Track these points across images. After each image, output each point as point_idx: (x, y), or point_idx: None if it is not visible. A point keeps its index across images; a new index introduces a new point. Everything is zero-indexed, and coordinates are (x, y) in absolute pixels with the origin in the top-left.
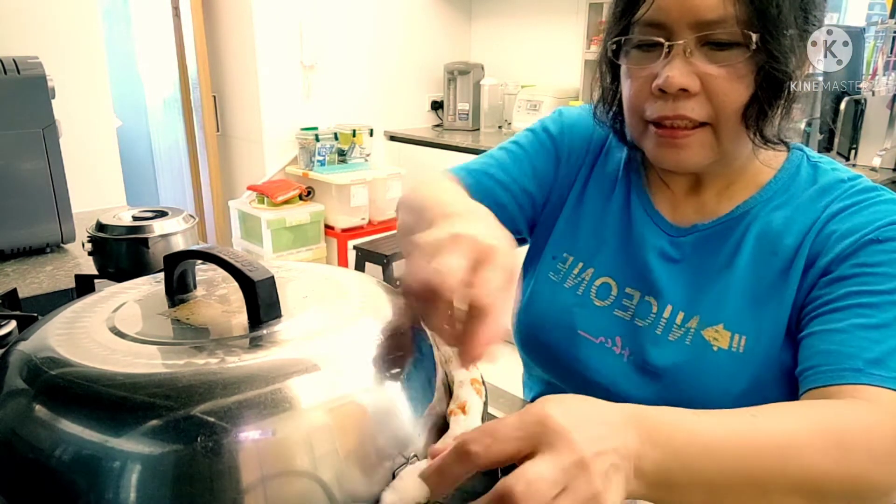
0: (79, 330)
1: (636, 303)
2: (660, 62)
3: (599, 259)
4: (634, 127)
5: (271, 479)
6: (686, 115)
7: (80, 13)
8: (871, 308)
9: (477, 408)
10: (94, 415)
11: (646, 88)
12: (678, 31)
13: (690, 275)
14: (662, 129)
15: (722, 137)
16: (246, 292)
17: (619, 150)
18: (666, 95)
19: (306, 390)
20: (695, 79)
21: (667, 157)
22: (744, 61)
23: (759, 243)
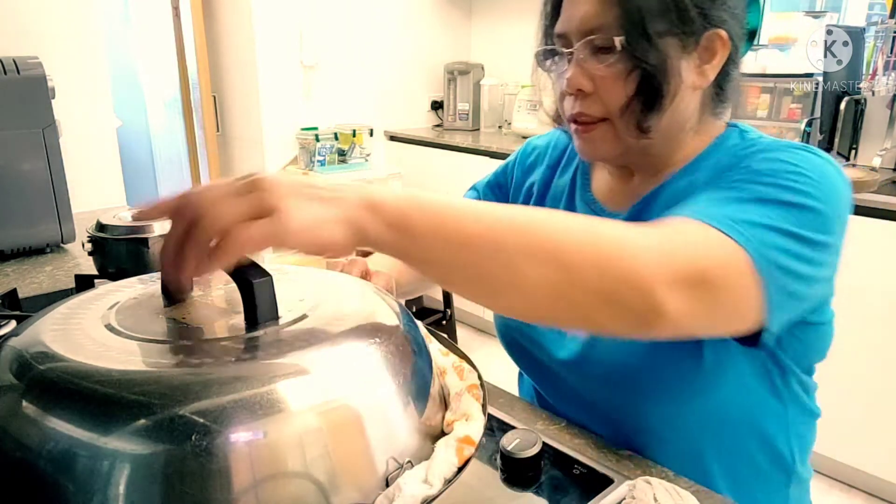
0: (73, 326)
1: None
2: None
3: None
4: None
5: (262, 481)
6: (584, 112)
7: (80, 13)
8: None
9: (479, 416)
10: (84, 411)
11: (560, 91)
12: (573, 39)
13: None
14: (576, 124)
15: (619, 131)
16: (244, 294)
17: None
18: (570, 98)
19: (299, 393)
20: (588, 80)
21: (582, 149)
22: (621, 63)
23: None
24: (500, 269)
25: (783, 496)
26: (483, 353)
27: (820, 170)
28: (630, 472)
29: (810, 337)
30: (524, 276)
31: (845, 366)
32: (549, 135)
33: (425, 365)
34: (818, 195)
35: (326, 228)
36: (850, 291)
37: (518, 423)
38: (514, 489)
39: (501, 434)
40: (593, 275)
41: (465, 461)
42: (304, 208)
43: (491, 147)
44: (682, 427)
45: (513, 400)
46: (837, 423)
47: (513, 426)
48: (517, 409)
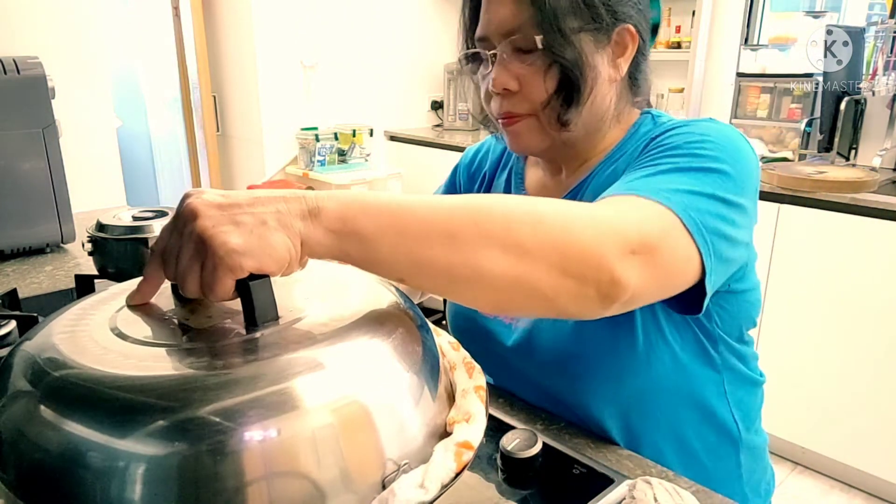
0: (81, 331)
1: None
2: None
3: None
4: (494, 123)
5: (277, 480)
6: (511, 111)
7: (80, 13)
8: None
9: (481, 417)
10: (102, 417)
11: (485, 92)
12: (494, 41)
13: None
14: (503, 121)
15: (544, 125)
16: (242, 294)
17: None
18: (497, 97)
19: (310, 391)
20: (513, 79)
21: (513, 143)
22: (540, 60)
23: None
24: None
25: (734, 463)
26: None
27: (724, 135)
28: (630, 472)
29: (736, 305)
30: (483, 267)
31: (846, 366)
32: (485, 142)
33: (433, 361)
34: (727, 159)
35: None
36: (850, 292)
37: (518, 423)
38: (514, 489)
39: (501, 434)
40: (550, 258)
41: (463, 466)
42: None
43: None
44: (624, 406)
45: (513, 400)
46: (838, 423)
47: (513, 426)
48: (517, 409)
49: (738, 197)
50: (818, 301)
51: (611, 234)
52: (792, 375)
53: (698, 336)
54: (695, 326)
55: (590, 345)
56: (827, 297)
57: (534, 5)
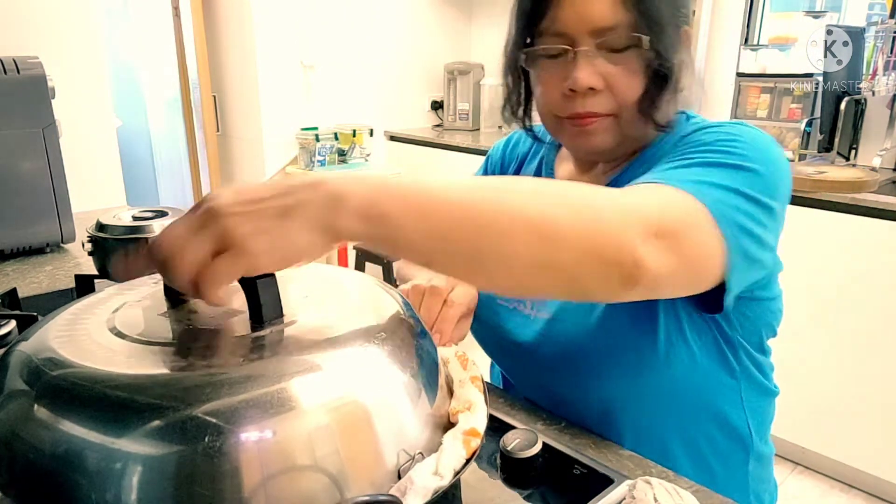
0: (79, 331)
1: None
2: (567, 66)
3: None
4: (549, 124)
5: (276, 478)
6: (594, 110)
7: (80, 13)
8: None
9: (481, 405)
10: (98, 416)
11: (556, 90)
12: (579, 38)
13: None
14: (575, 120)
15: (623, 124)
16: (248, 293)
17: (534, 159)
18: (576, 94)
19: (310, 390)
20: (599, 78)
21: (581, 145)
22: (636, 60)
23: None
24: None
25: (743, 472)
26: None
27: (757, 138)
28: (630, 472)
29: (758, 312)
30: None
31: (846, 366)
32: (513, 135)
33: (431, 356)
34: (759, 159)
35: (293, 240)
36: (850, 292)
37: (518, 423)
38: (514, 489)
39: (501, 434)
40: (576, 239)
41: (472, 453)
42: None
43: (491, 147)
44: (638, 405)
45: (513, 400)
46: (838, 423)
47: (513, 426)
48: (517, 409)
49: (768, 198)
50: (818, 301)
51: (635, 216)
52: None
53: (718, 340)
54: (715, 330)
55: (611, 338)
56: (826, 296)
57: (638, 4)
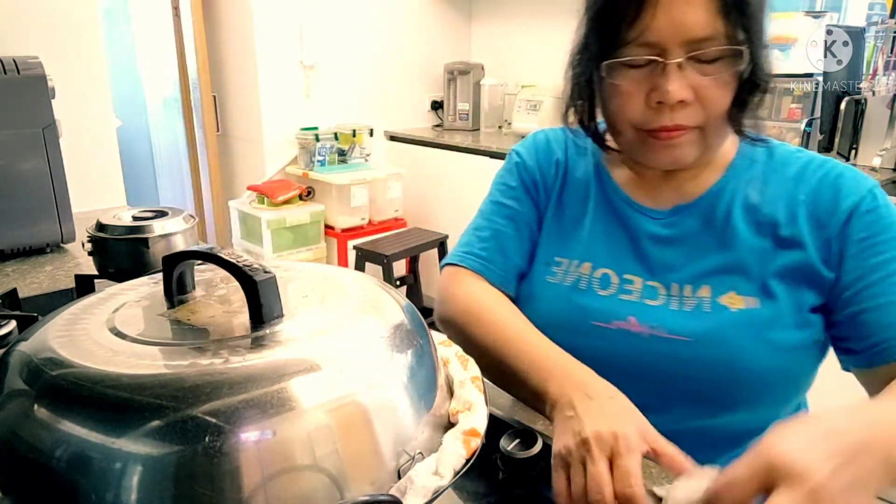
0: (79, 331)
1: (640, 288)
2: (654, 77)
3: (594, 254)
4: (627, 136)
5: (277, 478)
6: (683, 123)
7: (80, 13)
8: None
9: (481, 405)
10: (98, 416)
11: (639, 101)
12: (671, 48)
13: (688, 250)
14: (659, 133)
15: (709, 136)
16: (248, 293)
17: (581, 159)
18: (663, 107)
19: (310, 390)
20: (689, 90)
21: (663, 159)
22: (728, 70)
23: (746, 214)
24: None
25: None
26: None
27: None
28: None
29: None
30: None
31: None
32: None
33: (431, 355)
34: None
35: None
36: None
37: (518, 423)
38: (514, 489)
39: (501, 434)
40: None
41: (472, 453)
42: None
43: (491, 147)
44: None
45: (513, 400)
46: None
47: (513, 426)
48: (517, 409)
49: None
50: None
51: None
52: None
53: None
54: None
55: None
56: None
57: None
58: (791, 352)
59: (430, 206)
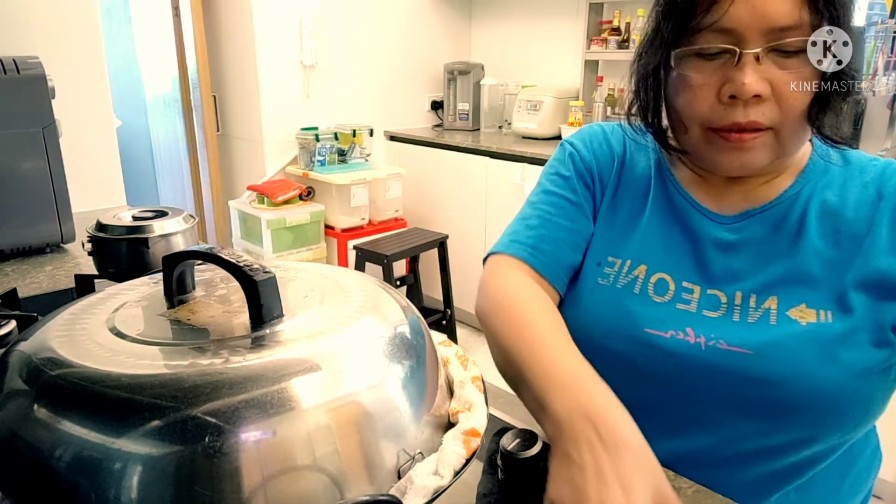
0: (79, 331)
1: (698, 297)
2: (728, 69)
3: (650, 255)
4: (693, 135)
5: (276, 478)
6: (757, 121)
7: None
8: None
9: (481, 405)
10: (98, 416)
11: (710, 96)
12: (750, 38)
13: (755, 257)
14: (729, 134)
15: (784, 139)
16: (248, 293)
17: (641, 155)
18: (736, 102)
19: (310, 390)
20: (766, 85)
21: (731, 161)
22: (810, 64)
23: (822, 220)
24: None
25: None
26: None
27: None
28: None
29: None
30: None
31: None
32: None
33: (431, 355)
34: None
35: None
36: None
37: (518, 423)
38: (514, 489)
39: (501, 434)
40: None
41: (472, 453)
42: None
43: (491, 147)
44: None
45: (513, 400)
46: None
47: (513, 426)
48: (517, 409)
49: None
50: None
51: None
52: None
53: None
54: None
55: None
56: None
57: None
58: (865, 373)
59: (430, 206)
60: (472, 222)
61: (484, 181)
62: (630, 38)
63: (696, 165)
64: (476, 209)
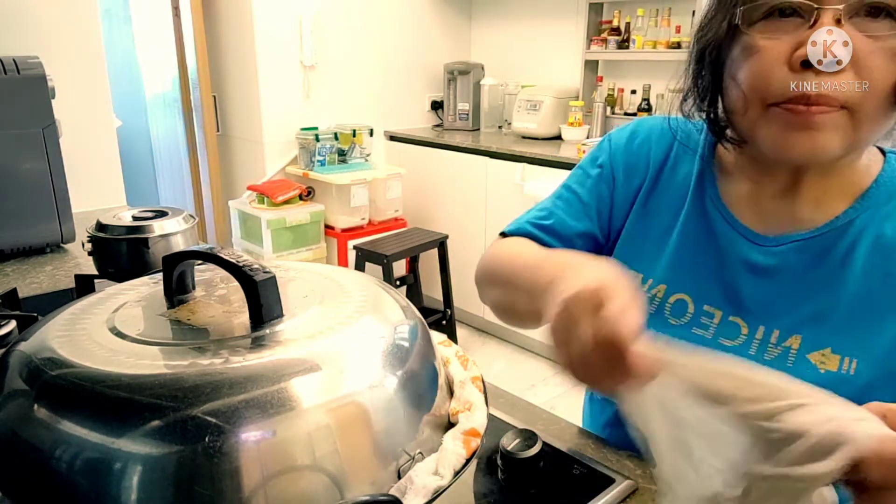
0: (79, 331)
1: (717, 322)
2: (801, 32)
3: (672, 275)
4: (751, 115)
5: (276, 478)
6: (830, 95)
7: (80, 13)
8: None
9: (481, 405)
10: (98, 416)
11: (778, 62)
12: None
13: (787, 288)
14: (796, 107)
15: (861, 123)
16: (248, 293)
17: (687, 161)
18: (808, 70)
19: (310, 390)
20: (846, 50)
21: (798, 142)
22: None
23: (872, 257)
24: None
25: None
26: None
27: None
28: (630, 472)
29: None
30: None
31: None
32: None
33: (431, 355)
34: None
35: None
36: None
37: (518, 423)
38: (514, 489)
39: (501, 434)
40: None
41: (472, 453)
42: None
43: (491, 147)
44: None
45: (513, 400)
46: None
47: (513, 426)
48: (517, 409)
49: None
50: None
51: None
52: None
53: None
54: None
55: None
56: None
57: None
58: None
59: (430, 206)
60: (472, 222)
61: (484, 181)
62: (630, 38)
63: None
64: (476, 209)
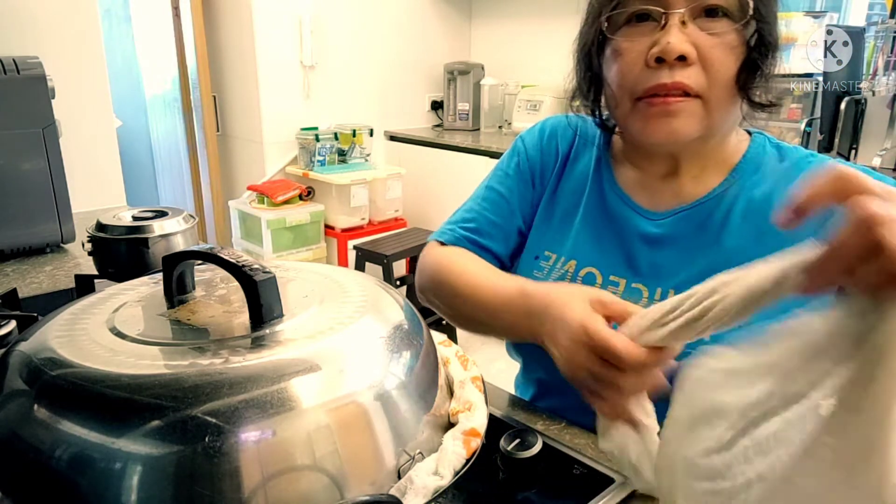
0: (79, 331)
1: (622, 290)
2: (655, 34)
3: (581, 251)
4: (622, 108)
5: (276, 478)
6: (683, 83)
7: (80, 13)
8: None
9: (481, 405)
10: (98, 416)
11: (639, 61)
12: (675, 1)
13: (677, 253)
14: (654, 99)
15: (712, 108)
16: (248, 293)
17: (586, 152)
18: (662, 65)
19: (310, 390)
20: (691, 47)
21: (659, 128)
22: (736, 30)
23: (746, 219)
24: None
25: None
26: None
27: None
28: None
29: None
30: None
31: None
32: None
33: (431, 355)
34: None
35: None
36: None
37: (518, 423)
38: (514, 489)
39: (501, 434)
40: None
41: (472, 453)
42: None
43: (491, 147)
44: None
45: (513, 400)
46: None
47: (513, 426)
48: (517, 409)
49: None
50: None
51: None
52: None
53: None
54: None
55: None
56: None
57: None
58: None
59: (430, 206)
60: None
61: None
62: None
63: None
64: None
